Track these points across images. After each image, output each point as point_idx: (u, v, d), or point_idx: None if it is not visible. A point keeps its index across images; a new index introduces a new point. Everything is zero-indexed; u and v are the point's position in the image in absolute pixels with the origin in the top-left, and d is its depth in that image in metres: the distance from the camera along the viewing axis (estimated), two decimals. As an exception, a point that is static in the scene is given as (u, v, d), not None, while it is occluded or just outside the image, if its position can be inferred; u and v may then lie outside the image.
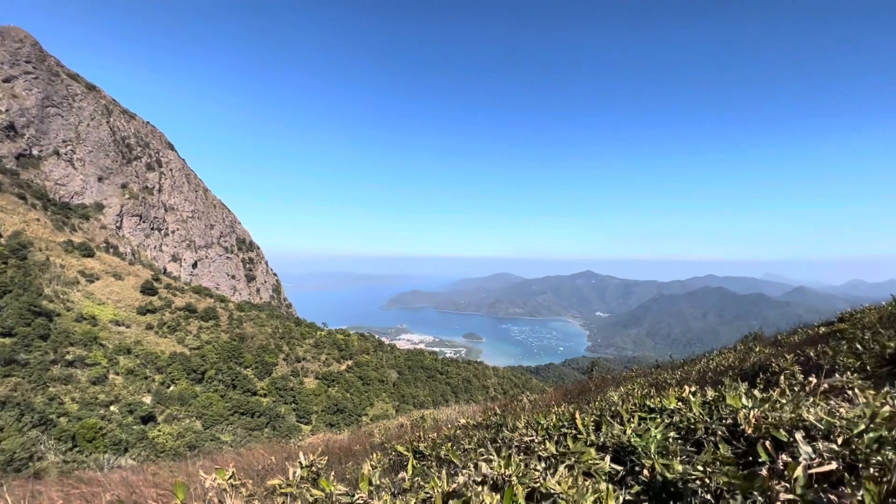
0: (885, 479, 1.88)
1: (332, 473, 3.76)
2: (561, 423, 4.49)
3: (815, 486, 2.02)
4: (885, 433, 2.17)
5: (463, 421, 8.78)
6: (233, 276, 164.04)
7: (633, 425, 3.80)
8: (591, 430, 4.25)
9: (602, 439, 3.83)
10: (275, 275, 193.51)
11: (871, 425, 2.32)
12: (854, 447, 2.24)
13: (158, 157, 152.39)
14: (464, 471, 2.73)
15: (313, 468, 3.27)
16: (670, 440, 3.40)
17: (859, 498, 1.68)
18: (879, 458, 1.95)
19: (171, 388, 68.35)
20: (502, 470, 2.63)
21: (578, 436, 4.09)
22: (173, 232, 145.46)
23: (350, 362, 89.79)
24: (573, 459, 3.03)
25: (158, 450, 51.81)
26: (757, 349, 12.62)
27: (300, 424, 71.10)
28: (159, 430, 57.37)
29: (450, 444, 6.30)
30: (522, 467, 2.58)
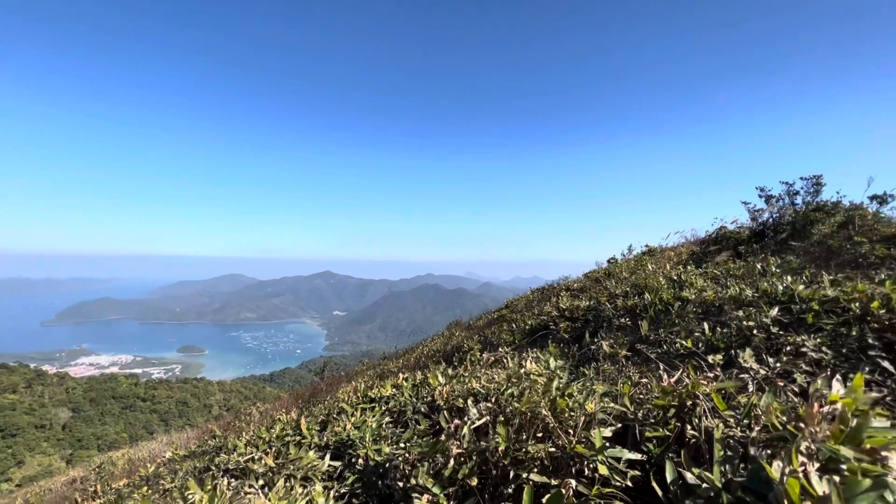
0: (511, 422, 2.67)
1: None
2: (286, 432, 4.36)
3: (477, 437, 2.68)
4: (515, 389, 3.11)
5: (169, 454, 7.34)
6: None
7: (354, 419, 4.06)
8: (317, 432, 4.30)
9: (326, 439, 3.93)
10: None
11: (509, 384, 3.28)
12: (500, 402, 3.09)
13: None
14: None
15: None
16: (384, 426, 3.81)
17: (496, 440, 2.34)
18: (510, 408, 2.75)
19: None
20: (207, 504, 2.33)
21: (303, 441, 4.06)
22: None
23: (-24, 409, 60.53)
24: (292, 468, 2.98)
25: None
26: (457, 333, 15.77)
27: None
28: None
29: (146, 487, 5.14)
30: (230, 494, 2.35)
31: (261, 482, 3.03)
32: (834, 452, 1.35)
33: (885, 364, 2.72)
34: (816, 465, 1.37)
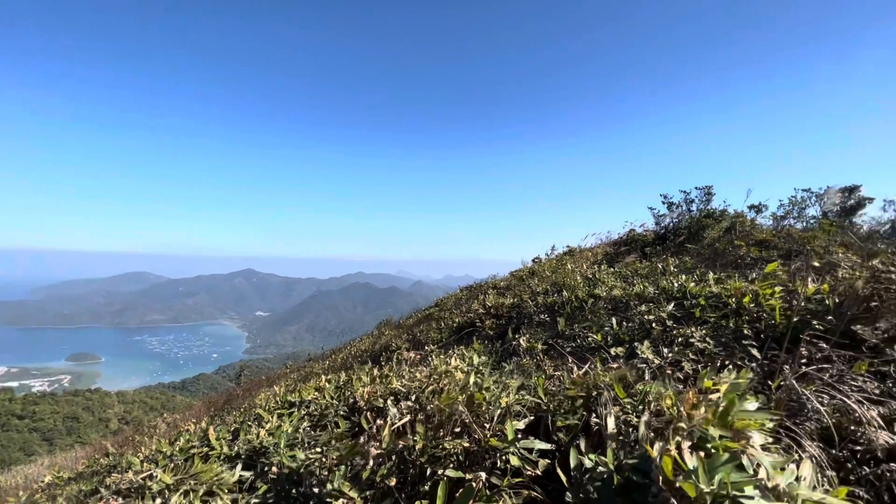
0: (431, 420, 2.69)
1: None
2: (191, 444, 4.00)
3: (397, 436, 2.66)
4: (436, 387, 3.13)
5: (49, 478, 6.43)
6: None
7: (269, 425, 3.84)
8: (227, 441, 4.01)
9: (237, 448, 3.67)
10: None
11: (430, 381, 3.30)
12: (420, 401, 3.10)
13: None
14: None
15: None
16: (301, 431, 3.65)
17: (415, 439, 2.34)
18: (430, 406, 2.77)
19: None
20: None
21: (211, 452, 3.76)
22: None
23: None
24: (193, 483, 2.74)
25: None
26: (386, 333, 15.61)
27: None
28: None
29: (16, 519, 4.44)
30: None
31: (158, 501, 2.75)
32: (703, 433, 1.53)
33: (754, 351, 3.14)
34: (689, 444, 1.54)
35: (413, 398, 3.21)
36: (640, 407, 2.27)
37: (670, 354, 3.21)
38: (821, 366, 2.60)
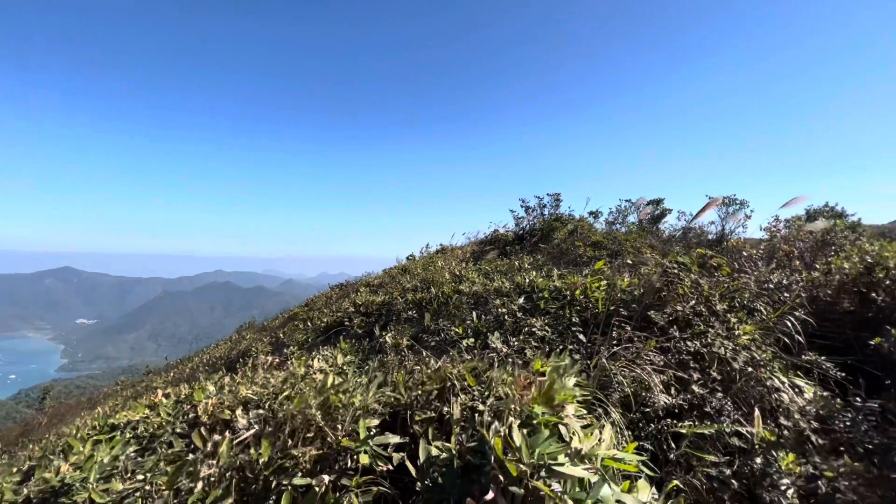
0: (283, 428, 2.53)
1: None
2: (-46, 496, 3.08)
3: (243, 449, 2.43)
4: (291, 392, 2.95)
5: None
6: None
7: (77, 457, 3.17)
8: (14, 485, 3.20)
9: (27, 492, 2.95)
10: None
11: (285, 386, 3.10)
12: (273, 408, 2.89)
13: None
14: None
15: None
16: (124, 458, 3.10)
17: (259, 450, 2.17)
18: (282, 412, 2.60)
19: None
20: None
21: (-15, 502, 2.96)
22: None
23: None
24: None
25: None
26: (247, 336, 14.23)
27: None
28: None
29: None
30: None
31: None
32: (529, 411, 1.72)
33: (581, 336, 3.68)
34: (518, 422, 1.72)
35: (266, 406, 2.97)
36: (487, 393, 2.47)
37: (516, 343, 3.57)
38: (626, 345, 3.17)
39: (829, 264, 4.89)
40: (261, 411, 2.92)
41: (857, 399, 2.81)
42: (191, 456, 2.17)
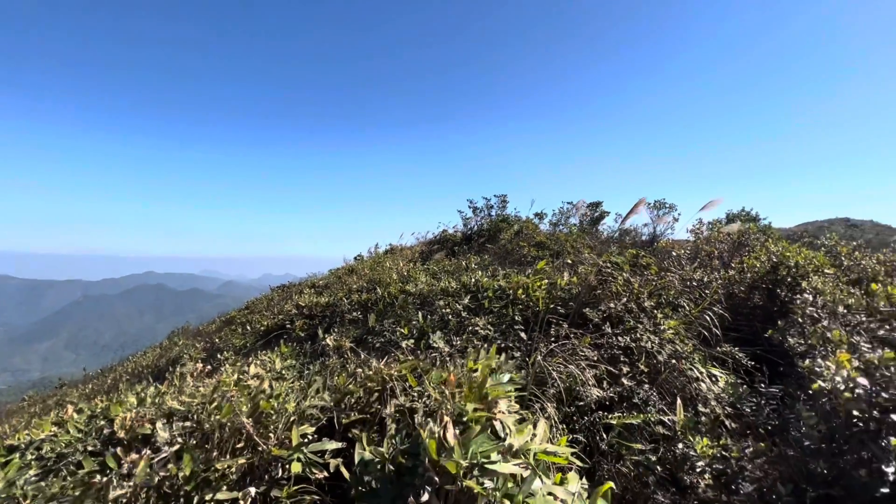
0: (210, 439, 2.37)
1: None
2: None
3: (165, 465, 2.25)
4: (221, 401, 2.78)
5: None
6: None
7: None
8: None
9: None
10: None
11: (215, 395, 2.91)
12: (200, 419, 2.70)
13: None
14: None
15: None
16: (23, 483, 2.77)
17: (180, 465, 2.02)
18: (209, 423, 2.44)
19: None
20: None
21: None
22: None
23: None
24: None
25: None
26: (180, 342, 13.27)
27: None
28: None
29: None
30: None
31: None
32: (461, 409, 1.73)
33: (522, 334, 3.78)
34: (452, 421, 1.72)
35: (193, 417, 2.77)
36: (426, 393, 2.46)
37: (458, 342, 3.60)
38: (562, 342, 3.30)
39: (742, 263, 5.38)
40: (187, 423, 2.72)
41: (762, 385, 3.11)
42: (100, 477, 1.97)
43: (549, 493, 1.63)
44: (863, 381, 2.09)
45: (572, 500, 1.62)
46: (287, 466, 2.04)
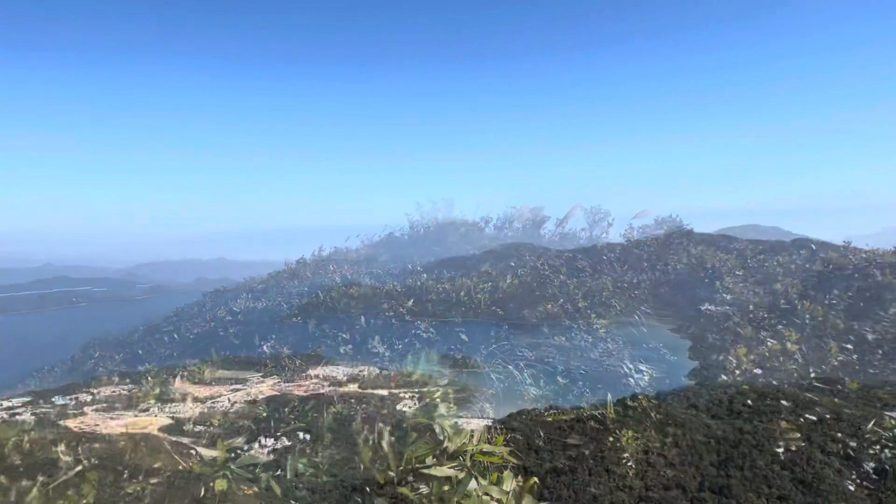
0: (118, 463, 2.15)
1: None
2: None
3: None
4: (135, 418, 2.54)
5: None
6: None
7: None
8: None
9: None
10: None
11: (132, 412, 2.66)
12: (111, 438, 2.46)
13: None
14: None
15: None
16: None
17: (82, 491, 1.81)
18: (122, 441, 2.22)
19: None
20: None
21: None
22: None
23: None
24: None
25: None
26: (96, 354, 12.03)
27: None
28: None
29: None
30: None
31: None
32: (401, 414, 1.71)
33: (463, 336, 3.82)
34: (389, 428, 1.69)
35: (104, 438, 2.51)
36: (363, 401, 2.40)
37: (401, 346, 3.56)
38: (502, 343, 3.37)
39: (667, 265, 5.81)
40: (96, 445, 2.46)
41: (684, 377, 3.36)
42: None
43: (486, 493, 1.65)
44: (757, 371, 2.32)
45: (507, 499, 1.65)
46: (212, 484, 1.90)
